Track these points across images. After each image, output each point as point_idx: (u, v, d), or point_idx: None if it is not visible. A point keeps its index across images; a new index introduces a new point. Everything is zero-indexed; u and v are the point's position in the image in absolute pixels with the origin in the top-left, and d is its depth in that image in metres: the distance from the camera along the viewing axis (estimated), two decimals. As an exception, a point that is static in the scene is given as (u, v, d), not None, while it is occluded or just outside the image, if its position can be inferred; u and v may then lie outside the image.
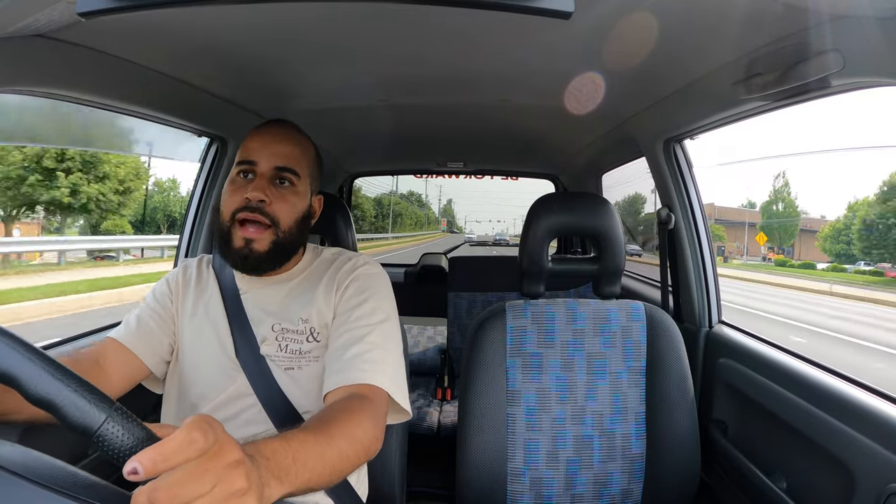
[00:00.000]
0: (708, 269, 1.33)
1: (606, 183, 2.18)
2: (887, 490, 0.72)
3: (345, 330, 0.80)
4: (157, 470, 0.36)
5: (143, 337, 0.84)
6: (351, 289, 0.84)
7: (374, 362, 0.76)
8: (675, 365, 1.03)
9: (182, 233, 1.48)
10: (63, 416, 0.38)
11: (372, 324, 0.80)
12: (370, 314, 0.81)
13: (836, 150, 30.01)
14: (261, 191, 0.80)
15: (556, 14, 0.45)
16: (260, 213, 0.80)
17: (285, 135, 0.86)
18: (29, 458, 0.44)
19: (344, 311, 0.82)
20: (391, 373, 0.77)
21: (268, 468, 0.45)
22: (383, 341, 0.79)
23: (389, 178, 20.96)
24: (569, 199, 1.25)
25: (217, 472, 0.39)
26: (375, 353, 0.77)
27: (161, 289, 0.90)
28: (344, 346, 0.78)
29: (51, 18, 0.70)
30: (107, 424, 0.37)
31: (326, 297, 0.84)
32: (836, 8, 0.70)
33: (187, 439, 0.37)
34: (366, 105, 1.42)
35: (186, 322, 0.86)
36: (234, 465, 0.40)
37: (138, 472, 0.35)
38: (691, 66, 1.00)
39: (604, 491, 1.03)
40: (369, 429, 0.66)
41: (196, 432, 0.38)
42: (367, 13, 0.83)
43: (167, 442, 0.37)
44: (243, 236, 0.80)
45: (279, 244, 0.82)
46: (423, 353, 2.33)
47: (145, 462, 0.36)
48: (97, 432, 0.37)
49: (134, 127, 3.26)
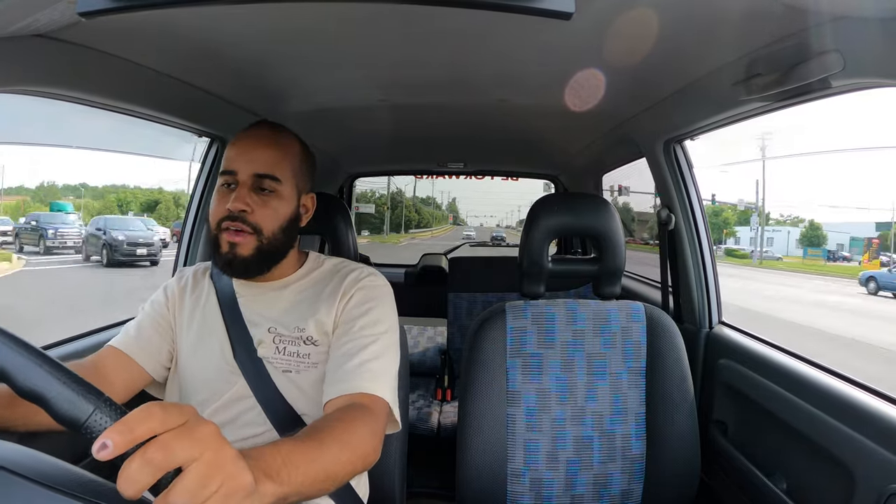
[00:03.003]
0: (708, 269, 1.33)
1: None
2: (887, 490, 0.72)
3: (347, 339, 0.80)
4: (124, 440, 0.36)
5: (142, 344, 0.84)
6: (355, 299, 0.84)
7: (377, 372, 0.76)
8: (675, 365, 1.03)
9: (181, 238, 1.46)
10: (52, 407, 0.38)
11: (375, 334, 0.80)
12: (373, 325, 0.81)
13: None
14: (241, 201, 0.80)
15: (556, 14, 0.45)
16: (242, 221, 0.80)
17: (263, 140, 0.85)
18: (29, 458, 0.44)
19: (347, 321, 0.82)
20: (391, 384, 0.78)
21: (257, 466, 0.45)
22: (385, 352, 0.80)
23: (412, 188, 24.53)
24: (569, 199, 1.25)
25: (201, 440, 0.39)
26: (377, 363, 0.77)
27: (158, 298, 0.90)
28: (346, 355, 0.78)
29: (51, 18, 0.70)
30: (95, 415, 0.37)
31: (329, 307, 0.84)
32: (837, 8, 0.69)
33: (146, 410, 0.38)
34: (366, 105, 1.42)
35: (185, 330, 0.87)
36: (215, 434, 0.40)
37: (107, 446, 0.35)
38: (691, 67, 1.00)
39: (604, 492, 1.03)
40: (366, 437, 0.66)
41: (154, 405, 0.38)
42: (367, 14, 0.83)
43: (129, 414, 0.37)
44: (228, 240, 0.81)
45: (263, 250, 0.82)
46: (423, 353, 2.32)
47: (112, 435, 0.35)
48: (85, 423, 0.37)
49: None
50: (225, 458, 0.40)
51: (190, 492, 0.37)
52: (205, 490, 0.38)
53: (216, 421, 0.42)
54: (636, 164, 1.72)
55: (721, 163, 18.09)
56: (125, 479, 0.35)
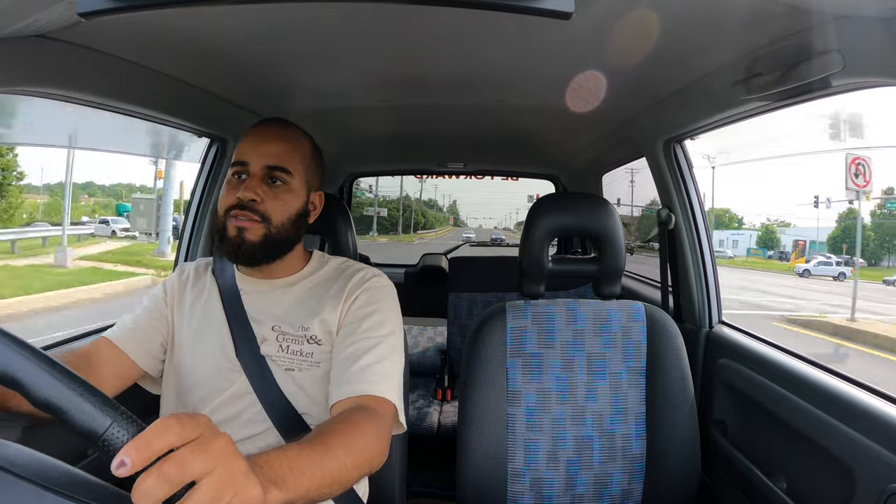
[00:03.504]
0: (708, 269, 1.33)
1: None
2: (887, 490, 0.72)
3: (352, 341, 0.79)
4: (142, 458, 0.36)
5: (134, 337, 0.84)
6: (360, 300, 0.84)
7: (383, 374, 0.76)
8: (675, 365, 1.03)
9: (182, 235, 1.47)
10: (68, 420, 0.38)
11: (381, 335, 0.80)
12: (378, 326, 0.81)
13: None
14: (251, 190, 0.80)
15: (556, 14, 0.45)
16: (251, 211, 0.81)
17: (276, 133, 0.86)
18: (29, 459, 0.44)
19: (352, 322, 0.82)
20: (397, 386, 0.78)
21: (263, 475, 0.45)
22: (391, 354, 0.80)
23: (419, 192, 27.71)
24: (569, 199, 1.25)
25: (214, 454, 0.39)
26: (383, 365, 0.77)
27: (157, 292, 0.90)
28: (352, 356, 0.78)
29: (51, 18, 0.70)
30: (112, 429, 0.37)
31: (333, 307, 0.84)
32: (837, 8, 0.69)
33: (163, 424, 0.38)
34: (366, 105, 1.42)
35: (185, 324, 0.87)
36: (229, 447, 0.41)
37: (126, 463, 0.35)
38: (691, 66, 1.00)
39: (604, 491, 1.03)
40: (372, 441, 0.65)
41: (171, 419, 0.39)
42: (368, 14, 0.83)
43: (146, 430, 0.38)
44: (236, 225, 0.81)
45: (271, 237, 0.82)
46: (423, 353, 2.32)
47: (130, 452, 0.36)
48: (102, 437, 0.37)
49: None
50: (236, 472, 0.41)
51: None
52: (217, 503, 0.39)
53: (216, 418, 0.42)
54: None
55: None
56: (141, 494, 0.36)
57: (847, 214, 20.37)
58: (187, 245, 1.44)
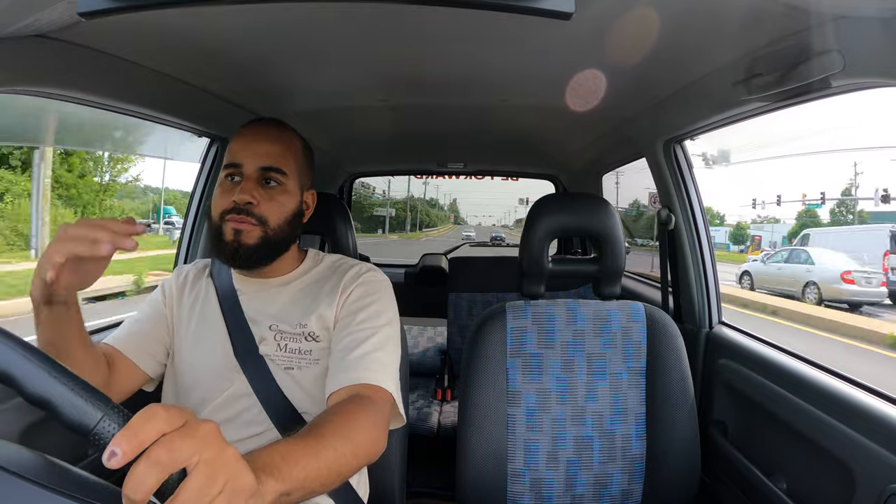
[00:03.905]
0: (708, 269, 1.33)
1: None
2: (887, 490, 0.72)
3: (349, 332, 0.79)
4: (131, 446, 0.36)
5: (136, 341, 0.84)
6: (356, 293, 0.84)
7: (380, 363, 0.76)
8: (675, 365, 1.03)
9: (182, 236, 1.46)
10: (59, 414, 0.37)
11: (376, 326, 0.80)
12: (375, 317, 0.81)
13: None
14: (247, 193, 0.80)
15: (556, 14, 0.45)
16: (247, 214, 0.80)
17: (268, 133, 0.85)
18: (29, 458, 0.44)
19: (348, 314, 0.82)
20: (394, 376, 0.77)
21: (255, 464, 0.45)
22: (386, 344, 0.79)
23: (423, 192, 29.76)
24: (569, 199, 1.24)
25: (202, 438, 0.39)
26: (379, 354, 0.77)
27: (155, 295, 0.90)
28: (348, 347, 0.77)
29: (51, 18, 0.70)
30: (103, 422, 0.37)
31: (329, 302, 0.84)
32: (837, 8, 0.69)
33: (148, 412, 0.38)
34: (366, 105, 1.42)
35: (183, 326, 0.87)
36: (216, 433, 0.41)
37: (116, 453, 0.35)
38: (691, 67, 1.00)
39: (604, 492, 1.03)
40: (369, 429, 0.65)
41: (155, 407, 0.38)
42: (368, 13, 0.83)
43: (132, 418, 0.37)
44: (233, 227, 0.80)
45: (268, 240, 0.82)
46: (423, 353, 2.32)
47: (119, 442, 0.36)
48: (93, 430, 0.37)
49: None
50: (227, 457, 0.40)
51: (197, 493, 0.37)
52: (211, 489, 0.38)
53: (216, 419, 0.42)
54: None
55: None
56: (133, 483, 0.35)
57: (804, 213, 22.45)
58: (187, 246, 1.44)
